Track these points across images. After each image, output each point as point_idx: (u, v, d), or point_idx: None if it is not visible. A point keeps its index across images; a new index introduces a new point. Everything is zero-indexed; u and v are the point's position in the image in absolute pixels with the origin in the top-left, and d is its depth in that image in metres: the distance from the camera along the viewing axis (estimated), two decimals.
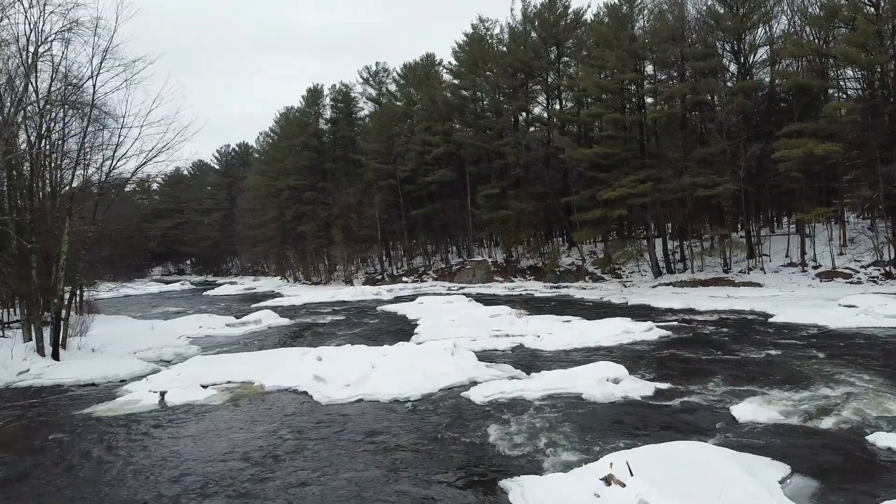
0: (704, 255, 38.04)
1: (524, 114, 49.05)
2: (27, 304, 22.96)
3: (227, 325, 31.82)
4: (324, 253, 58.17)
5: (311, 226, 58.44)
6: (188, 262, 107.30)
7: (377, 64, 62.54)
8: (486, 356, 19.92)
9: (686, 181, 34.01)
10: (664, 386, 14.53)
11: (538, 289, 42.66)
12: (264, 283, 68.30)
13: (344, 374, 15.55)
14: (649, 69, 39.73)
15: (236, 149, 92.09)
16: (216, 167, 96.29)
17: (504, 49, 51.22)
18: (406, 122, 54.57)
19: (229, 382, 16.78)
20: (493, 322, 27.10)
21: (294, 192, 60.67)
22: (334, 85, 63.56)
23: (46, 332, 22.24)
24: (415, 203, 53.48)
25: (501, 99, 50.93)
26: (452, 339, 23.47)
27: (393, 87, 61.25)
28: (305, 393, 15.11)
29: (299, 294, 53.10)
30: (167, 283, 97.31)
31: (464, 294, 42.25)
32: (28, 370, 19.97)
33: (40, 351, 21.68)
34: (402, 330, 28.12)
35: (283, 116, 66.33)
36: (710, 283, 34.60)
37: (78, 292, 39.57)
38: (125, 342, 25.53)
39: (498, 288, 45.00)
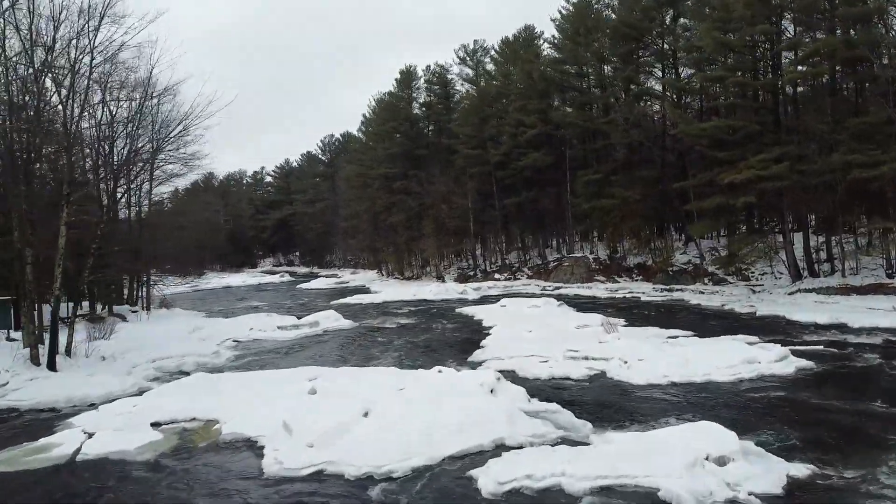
0: (860, 254, 30.25)
1: (633, 86, 42.35)
2: (24, 306, 20.25)
3: (278, 328, 28.45)
4: (414, 246, 54.35)
5: (401, 217, 54.79)
6: (296, 253, 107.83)
7: (475, 42, 57.78)
8: (551, 388, 15.26)
9: (836, 160, 26.68)
10: (802, 472, 9.08)
11: (646, 291, 36.31)
12: (359, 277, 65.68)
13: (319, 423, 11.07)
14: (789, 28, 32.23)
15: (340, 138, 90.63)
16: (322, 157, 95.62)
17: (612, 15, 44.84)
18: (501, 102, 49.33)
19: (193, 420, 12.98)
20: (578, 336, 21.98)
21: (385, 181, 57.31)
22: (429, 66, 59.64)
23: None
24: (508, 191, 48.33)
25: (607, 71, 44.68)
26: (520, 357, 18.92)
27: (491, 67, 56.23)
28: (261, 449, 10.80)
29: (384, 290, 49.68)
30: (275, 272, 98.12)
31: (557, 296, 36.79)
32: (6, 384, 17.12)
33: (34, 359, 18.89)
34: (468, 341, 23.66)
35: (378, 102, 63.15)
36: (867, 291, 27.11)
37: (144, 287, 38.15)
38: (150, 349, 22.60)
39: (598, 289, 39.05)
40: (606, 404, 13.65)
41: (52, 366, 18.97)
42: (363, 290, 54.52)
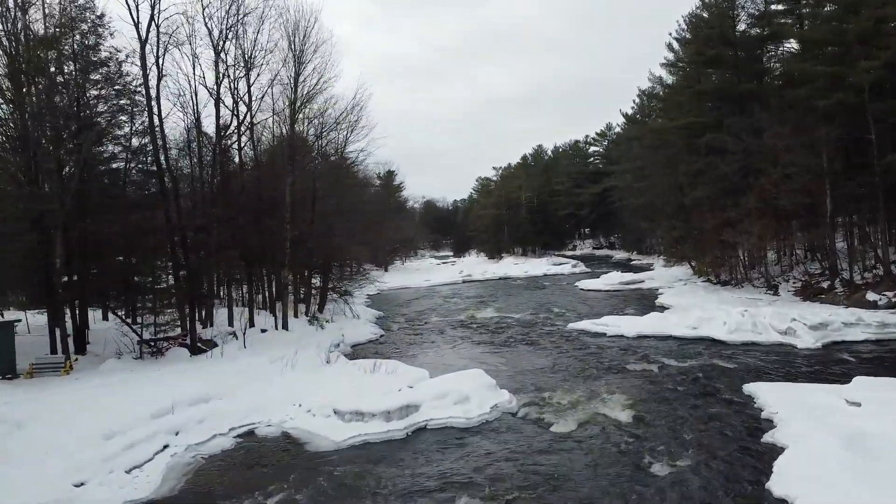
0: None
1: None
2: None
3: (334, 414, 14.86)
4: (728, 235, 34.40)
5: (707, 190, 35.49)
6: (618, 234, 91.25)
7: None
8: None
9: None
10: None
11: None
12: (666, 275, 47.22)
13: None
14: None
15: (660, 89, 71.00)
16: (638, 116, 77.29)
17: None
18: None
19: None
20: None
21: (689, 136, 38.25)
22: None
23: None
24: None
25: None
26: None
27: None
28: None
29: (674, 304, 32.54)
30: (594, 257, 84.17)
31: None
32: None
33: None
34: None
35: (690, 23, 43.61)
36: None
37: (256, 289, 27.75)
38: None
39: None
40: None
41: None
42: (651, 297, 37.56)
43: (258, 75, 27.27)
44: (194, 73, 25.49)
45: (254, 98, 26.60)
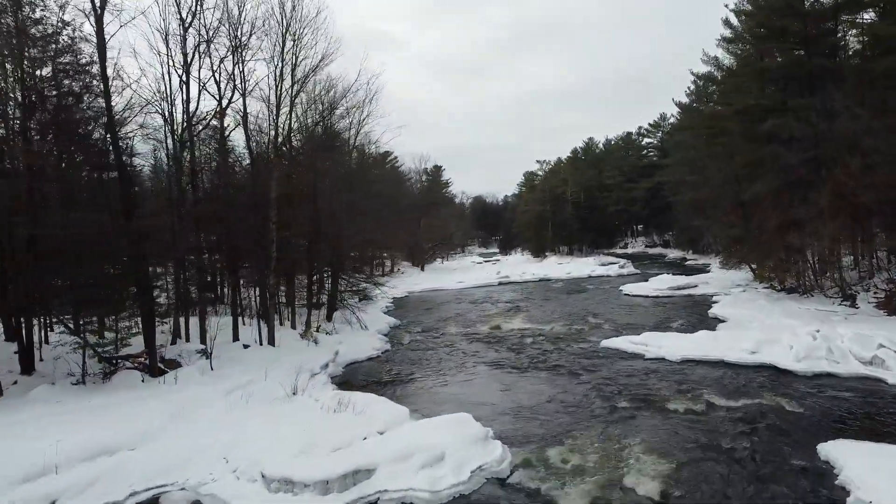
0: None
1: None
2: None
3: (261, 478, 11.39)
4: (794, 236, 29.52)
5: (769, 183, 30.69)
6: (670, 232, 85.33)
7: None
8: None
9: None
10: None
11: None
12: (724, 278, 42.38)
13: None
14: None
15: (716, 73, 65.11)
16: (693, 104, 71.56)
17: None
18: None
19: None
20: None
21: (748, 122, 33.45)
22: None
23: None
24: None
25: None
26: None
27: None
28: None
29: (730, 317, 28.12)
30: (648, 254, 79.14)
31: None
32: None
33: None
34: None
35: None
36: None
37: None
38: None
39: None
40: None
41: None
42: (704, 304, 33.09)
43: (245, 52, 24.10)
44: (168, 53, 21.99)
45: (234, 78, 23.49)
